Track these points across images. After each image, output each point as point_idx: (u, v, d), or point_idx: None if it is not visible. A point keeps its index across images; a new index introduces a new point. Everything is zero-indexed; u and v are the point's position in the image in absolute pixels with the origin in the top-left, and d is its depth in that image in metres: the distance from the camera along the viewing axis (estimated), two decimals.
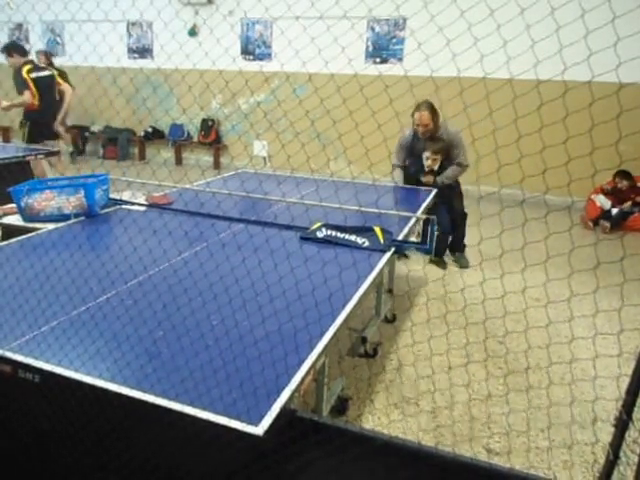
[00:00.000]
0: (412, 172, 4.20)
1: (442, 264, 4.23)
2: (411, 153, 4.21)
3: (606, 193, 5.69)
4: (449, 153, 4.11)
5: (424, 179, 4.12)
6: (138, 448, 1.39)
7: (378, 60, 7.04)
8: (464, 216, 4.26)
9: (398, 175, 4.22)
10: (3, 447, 1.60)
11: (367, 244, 2.32)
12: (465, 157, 4.10)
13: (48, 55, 6.99)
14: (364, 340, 2.62)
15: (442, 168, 4.13)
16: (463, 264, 4.23)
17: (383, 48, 7.00)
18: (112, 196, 2.91)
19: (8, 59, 5.34)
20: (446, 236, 4.22)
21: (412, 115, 4.00)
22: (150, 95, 7.84)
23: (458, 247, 4.32)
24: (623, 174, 5.51)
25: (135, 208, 2.84)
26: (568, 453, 2.08)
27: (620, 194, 5.60)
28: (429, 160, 4.07)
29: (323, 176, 4.35)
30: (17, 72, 5.28)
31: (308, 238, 2.39)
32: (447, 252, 4.36)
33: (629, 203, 5.49)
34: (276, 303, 1.70)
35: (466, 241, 4.29)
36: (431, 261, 4.23)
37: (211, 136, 8.17)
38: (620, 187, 5.58)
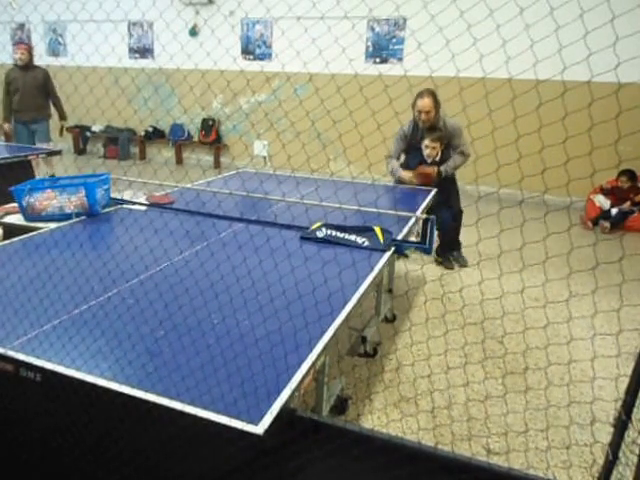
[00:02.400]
0: (412, 166, 4.04)
1: (449, 264, 4.21)
2: (409, 145, 4.07)
3: (605, 193, 5.69)
4: (450, 143, 4.00)
5: (423, 170, 3.96)
6: (139, 447, 1.40)
7: (378, 60, 7.04)
8: (461, 214, 4.22)
9: (395, 164, 4.05)
10: (4, 446, 1.60)
11: (367, 244, 2.32)
12: (467, 146, 3.99)
13: (30, 48, 5.78)
14: (364, 340, 2.62)
15: (443, 160, 3.99)
16: (462, 262, 4.23)
17: (383, 48, 7.00)
18: (113, 195, 2.92)
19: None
20: (449, 235, 4.17)
21: (413, 105, 3.87)
22: (152, 95, 7.85)
23: (456, 246, 4.30)
24: (629, 174, 5.50)
25: (136, 207, 2.85)
26: (567, 453, 2.09)
27: (620, 193, 5.60)
28: (428, 149, 3.93)
29: (323, 176, 4.36)
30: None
31: (308, 238, 2.40)
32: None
33: (628, 203, 5.49)
34: (276, 302, 1.70)
35: (462, 240, 4.30)
36: (438, 262, 4.21)
37: (212, 136, 8.18)
38: (621, 186, 5.58)
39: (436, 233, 3.97)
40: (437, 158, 3.98)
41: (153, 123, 8.51)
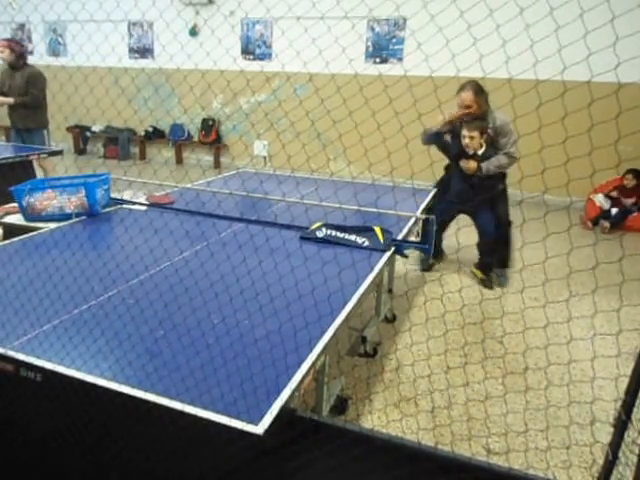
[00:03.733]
0: (453, 154, 3.74)
1: (489, 283, 3.77)
2: (452, 131, 3.74)
3: (608, 193, 5.69)
4: (496, 141, 3.62)
5: (465, 165, 3.62)
6: (139, 447, 1.40)
7: (378, 60, 7.04)
8: (509, 224, 3.76)
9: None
10: (4, 446, 1.60)
11: (367, 244, 2.32)
12: (516, 148, 3.58)
13: (13, 44, 5.03)
14: (364, 340, 2.62)
15: (486, 158, 3.61)
16: (502, 282, 3.79)
17: (383, 48, 7.00)
18: (113, 195, 2.92)
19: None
20: (493, 244, 3.75)
21: (457, 95, 3.62)
22: (152, 95, 7.85)
23: (502, 262, 3.82)
24: (634, 172, 5.50)
25: (136, 207, 2.85)
26: (567, 453, 2.09)
27: (622, 193, 5.60)
28: (466, 139, 3.57)
29: (323, 176, 4.36)
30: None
31: (308, 238, 2.40)
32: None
33: (632, 200, 5.48)
34: (276, 302, 1.70)
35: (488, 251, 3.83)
36: (477, 277, 3.84)
37: (212, 136, 8.18)
38: (626, 184, 5.57)
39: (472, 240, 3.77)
40: (480, 151, 3.60)
41: (153, 123, 8.51)
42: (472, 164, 3.60)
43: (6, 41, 5.01)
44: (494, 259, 3.81)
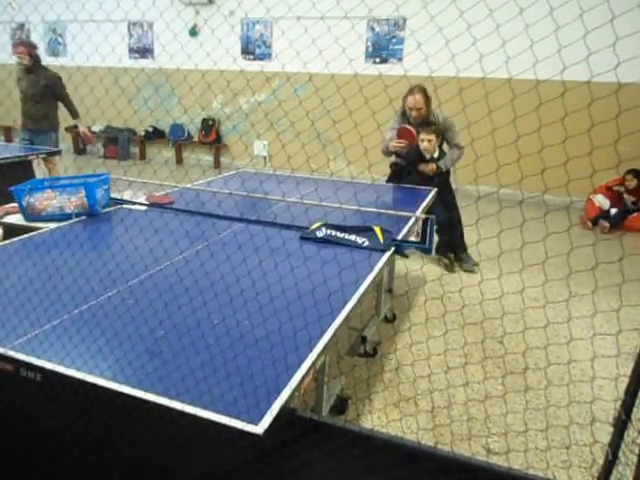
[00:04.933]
0: (410, 162, 3.92)
1: (450, 266, 4.10)
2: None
3: (612, 191, 5.68)
4: (444, 137, 3.93)
5: (426, 169, 3.86)
6: (139, 447, 1.40)
7: (378, 60, 7.05)
8: (457, 211, 4.09)
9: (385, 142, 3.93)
10: (4, 446, 1.60)
11: (367, 244, 2.32)
12: (460, 139, 3.92)
13: (31, 49, 5.06)
14: (364, 339, 2.62)
15: (440, 155, 3.91)
16: (468, 268, 4.07)
17: (383, 48, 7.01)
18: (113, 195, 2.92)
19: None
20: (445, 232, 4.04)
21: (404, 99, 3.85)
22: (152, 95, 7.85)
23: (459, 246, 4.14)
24: (634, 172, 5.50)
25: (136, 207, 2.85)
26: (567, 453, 2.09)
27: (626, 193, 5.60)
28: (424, 142, 3.80)
29: (323, 176, 4.36)
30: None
31: (308, 238, 2.40)
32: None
33: (633, 199, 5.48)
34: (276, 302, 1.70)
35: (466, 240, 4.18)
36: (441, 262, 4.11)
37: (212, 136, 8.18)
38: (627, 186, 5.57)
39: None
40: (435, 154, 3.87)
41: (153, 123, 8.51)
42: (432, 166, 3.87)
43: (25, 47, 5.03)
44: (451, 243, 4.11)
